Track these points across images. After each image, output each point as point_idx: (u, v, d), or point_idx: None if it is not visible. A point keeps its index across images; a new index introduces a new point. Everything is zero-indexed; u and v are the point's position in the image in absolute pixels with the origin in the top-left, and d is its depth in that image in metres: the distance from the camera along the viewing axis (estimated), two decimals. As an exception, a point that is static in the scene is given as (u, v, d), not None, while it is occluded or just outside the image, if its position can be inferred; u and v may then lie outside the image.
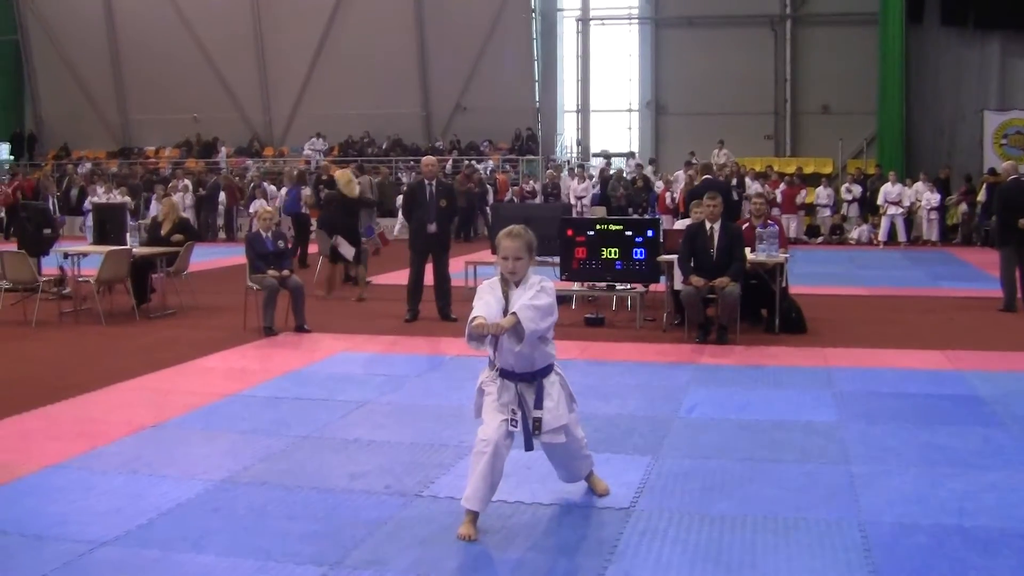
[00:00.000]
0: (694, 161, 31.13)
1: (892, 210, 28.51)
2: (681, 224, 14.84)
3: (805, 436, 8.04)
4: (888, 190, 28.56)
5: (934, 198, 28.82)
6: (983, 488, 6.71)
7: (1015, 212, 15.07)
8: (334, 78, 37.73)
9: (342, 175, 18.60)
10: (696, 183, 17.34)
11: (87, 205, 28.38)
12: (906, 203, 28.65)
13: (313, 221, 21.58)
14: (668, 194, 28.39)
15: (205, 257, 17.06)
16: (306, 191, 23.79)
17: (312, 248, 21.00)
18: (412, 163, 34.55)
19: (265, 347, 12.30)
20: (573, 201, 29.59)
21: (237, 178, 33.34)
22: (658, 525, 6.05)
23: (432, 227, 14.00)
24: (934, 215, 28.89)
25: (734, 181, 27.68)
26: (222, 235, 31.25)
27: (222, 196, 31.48)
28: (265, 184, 31.36)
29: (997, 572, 5.35)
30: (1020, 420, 8.53)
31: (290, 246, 14.96)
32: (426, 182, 14.22)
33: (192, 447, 7.81)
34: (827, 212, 30.53)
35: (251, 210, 28.38)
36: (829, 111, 35.16)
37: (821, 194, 30.70)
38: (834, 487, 6.75)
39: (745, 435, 8.12)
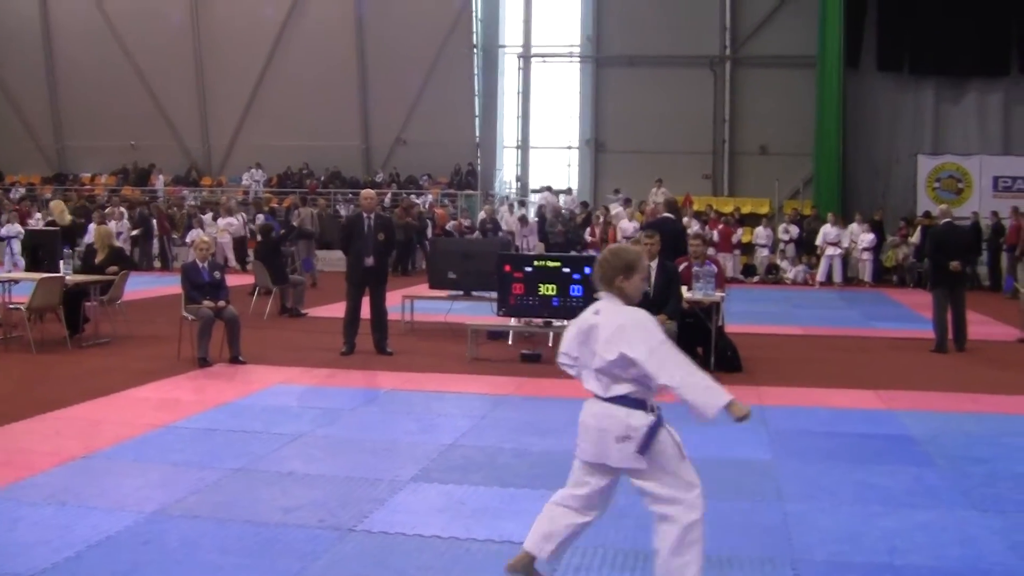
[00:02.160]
0: (620, 197, 31.45)
1: (830, 251, 28.81)
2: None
3: (739, 474, 8.08)
4: (827, 231, 28.87)
5: (868, 239, 29.18)
6: (914, 527, 6.78)
7: (947, 255, 15.32)
8: (274, 108, 37.55)
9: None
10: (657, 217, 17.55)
11: (5, 231, 27.82)
12: (844, 244, 28.98)
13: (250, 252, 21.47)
14: (597, 229, 28.61)
15: (140, 286, 16.90)
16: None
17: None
18: (351, 195, 34.44)
19: (199, 378, 12.17)
20: (518, 240, 29.64)
21: (174, 208, 33.07)
22: (592, 562, 6.06)
23: (370, 260, 13.94)
24: (867, 256, 29.23)
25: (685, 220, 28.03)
26: (157, 264, 30.94)
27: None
28: (207, 214, 31.13)
29: (927, 611, 5.41)
30: (951, 459, 8.64)
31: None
32: (364, 215, 14.17)
33: (123, 478, 7.71)
34: (765, 252, 30.80)
35: (188, 240, 28.12)
36: (767, 152, 35.52)
37: (760, 234, 30.95)
38: (767, 525, 6.79)
39: (680, 472, 8.13)
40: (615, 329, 5.23)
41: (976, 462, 8.61)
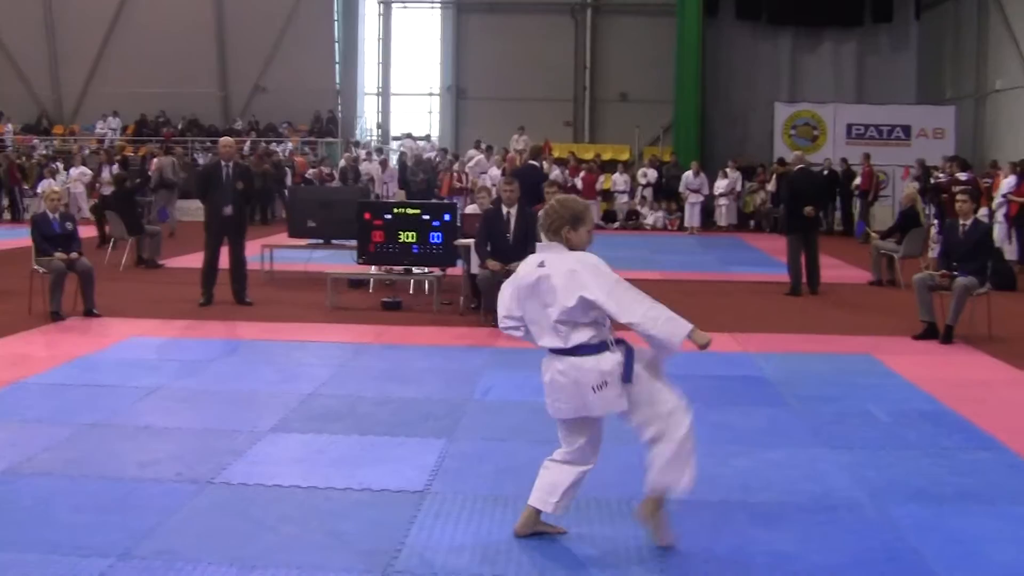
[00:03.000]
0: (483, 146, 31.44)
1: (692, 198, 29.24)
2: (473, 208, 14.95)
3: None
4: (689, 180, 29.30)
5: (724, 185, 29.68)
6: (767, 465, 6.97)
7: (802, 200, 15.65)
8: (128, 54, 36.39)
9: None
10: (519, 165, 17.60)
11: None
12: (705, 191, 29.43)
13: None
14: (461, 175, 28.56)
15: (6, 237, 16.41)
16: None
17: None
18: (209, 144, 33.78)
19: (51, 332, 11.86)
20: (378, 188, 29.45)
21: (24, 157, 32.06)
22: (451, 508, 6.08)
23: (228, 209, 13.68)
24: (724, 201, 29.73)
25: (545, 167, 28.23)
26: (7, 216, 30.02)
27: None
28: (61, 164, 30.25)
29: (779, 545, 5.56)
30: (803, 400, 8.89)
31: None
32: (223, 163, 13.91)
33: (-29, 437, 7.50)
34: (624, 198, 31.10)
35: (38, 190, 27.31)
36: (627, 99, 35.84)
37: (618, 180, 31.23)
38: (627, 466, 6.86)
39: (539, 417, 8.14)
40: (567, 274, 5.23)
41: (826, 401, 8.86)
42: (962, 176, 20.50)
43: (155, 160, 26.48)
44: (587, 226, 5.45)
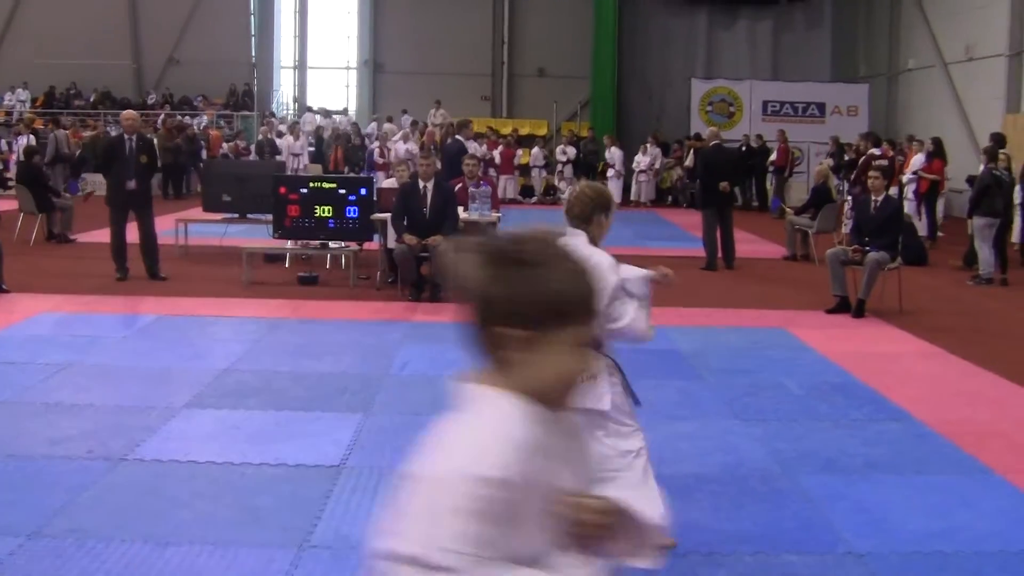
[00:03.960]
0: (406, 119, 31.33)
1: (610, 172, 29.38)
2: (389, 183, 14.89)
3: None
4: (611, 155, 29.45)
5: (644, 160, 29.84)
6: (680, 437, 7.05)
7: (716, 176, 15.80)
8: (38, 25, 35.63)
9: None
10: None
11: None
12: (619, 167, 29.59)
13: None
14: (383, 149, 28.31)
15: None
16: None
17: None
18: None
19: (-41, 308, 11.65)
20: (290, 159, 29.17)
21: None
22: (368, 482, 6.08)
23: (132, 183, 13.42)
24: (643, 177, 29.89)
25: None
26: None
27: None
28: None
29: (690, 515, 5.63)
30: (715, 372, 9.00)
31: None
32: (126, 136, 13.67)
33: None
34: (542, 173, 31.16)
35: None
36: (545, 74, 35.86)
37: (536, 155, 31.26)
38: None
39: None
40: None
41: (739, 374, 8.98)
42: (876, 152, 20.78)
43: (53, 134, 25.95)
44: (612, 214, 5.27)
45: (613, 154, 29.52)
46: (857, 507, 5.84)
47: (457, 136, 17.44)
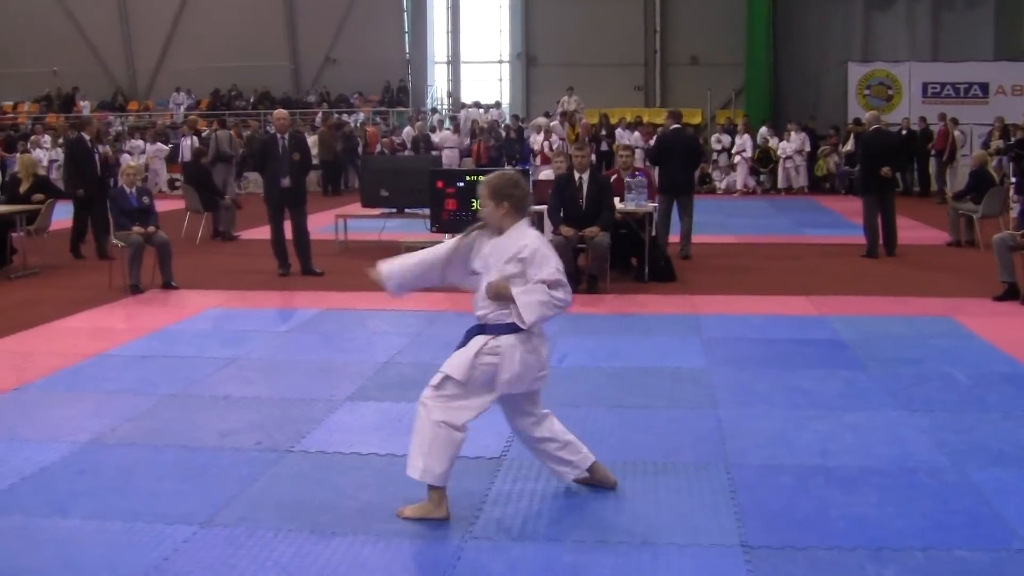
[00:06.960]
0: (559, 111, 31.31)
1: (736, 159, 28.98)
2: (546, 175, 14.89)
3: (674, 382, 8.16)
4: (740, 142, 29.05)
5: (790, 147, 29.23)
6: (845, 429, 6.90)
7: (877, 161, 15.42)
8: (200, 30, 36.78)
9: None
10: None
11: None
12: (781, 154, 29.10)
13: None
14: (546, 143, 28.29)
15: (68, 215, 16.61)
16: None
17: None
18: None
19: (131, 305, 12.03)
20: (444, 153, 29.44)
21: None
22: (528, 473, 6.10)
23: (285, 181, 13.73)
24: (800, 161, 29.33)
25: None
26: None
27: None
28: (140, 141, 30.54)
29: (857, 508, 5.51)
30: (880, 363, 8.77)
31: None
32: (279, 136, 13.96)
33: (55, 409, 7.61)
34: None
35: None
36: (698, 62, 35.51)
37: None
38: (702, 431, 6.86)
39: (615, 382, 8.21)
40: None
41: (904, 364, 8.75)
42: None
43: (215, 135, 26.61)
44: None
45: (744, 140, 29.01)
46: (1032, 501, 5.65)
47: (675, 125, 16.79)
